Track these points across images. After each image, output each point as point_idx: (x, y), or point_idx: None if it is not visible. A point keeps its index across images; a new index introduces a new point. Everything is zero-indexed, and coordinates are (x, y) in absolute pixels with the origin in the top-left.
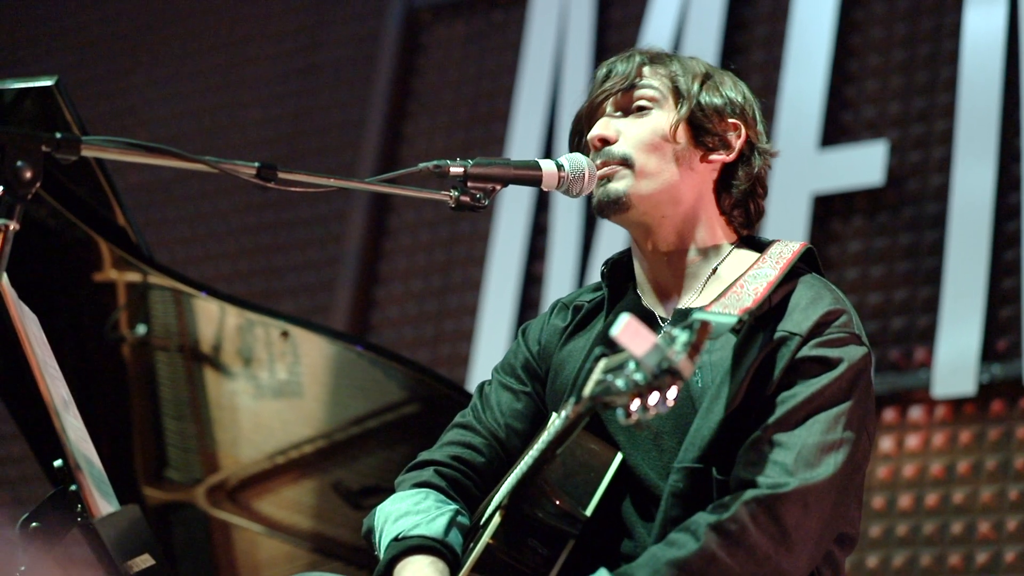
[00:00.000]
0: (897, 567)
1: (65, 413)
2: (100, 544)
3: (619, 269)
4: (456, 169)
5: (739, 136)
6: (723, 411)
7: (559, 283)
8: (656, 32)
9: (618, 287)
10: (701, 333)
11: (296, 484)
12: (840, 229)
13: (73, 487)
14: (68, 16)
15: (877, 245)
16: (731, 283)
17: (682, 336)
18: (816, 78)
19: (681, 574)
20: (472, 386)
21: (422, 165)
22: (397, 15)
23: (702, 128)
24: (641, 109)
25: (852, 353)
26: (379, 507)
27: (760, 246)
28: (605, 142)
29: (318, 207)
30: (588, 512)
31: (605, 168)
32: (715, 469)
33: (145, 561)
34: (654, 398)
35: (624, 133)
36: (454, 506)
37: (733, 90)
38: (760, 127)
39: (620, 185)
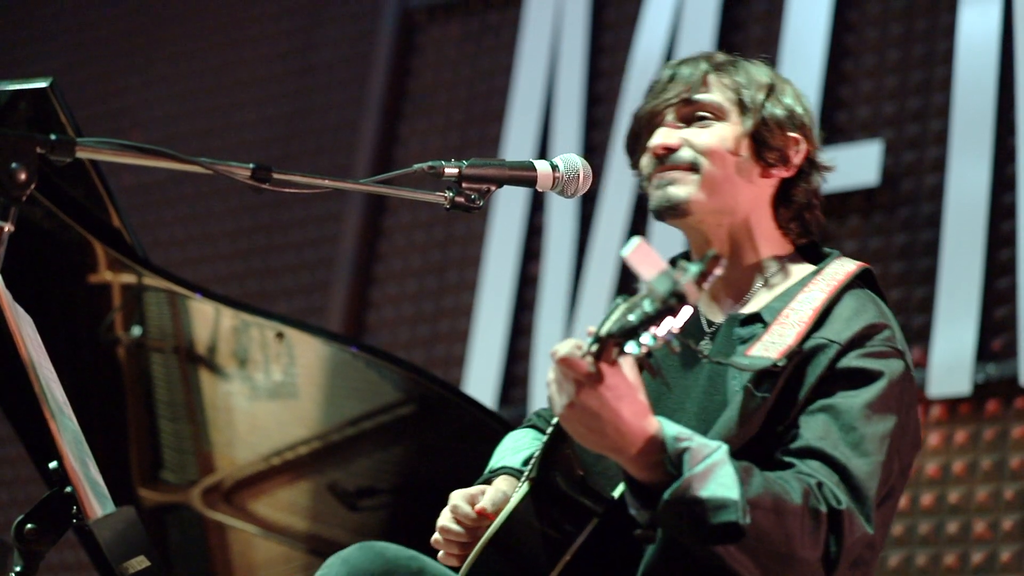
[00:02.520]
0: (893, 567)
1: (60, 415)
2: (95, 546)
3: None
4: (451, 170)
5: (799, 151)
6: (752, 408)
7: (554, 284)
8: (651, 33)
9: None
10: (711, 263)
11: (292, 485)
12: (835, 229)
13: (68, 489)
14: (63, 18)
15: (872, 245)
16: (781, 305)
17: (692, 266)
18: (811, 78)
19: (774, 506)
20: (467, 387)
21: (417, 166)
22: (392, 16)
23: (765, 143)
24: (703, 119)
25: (893, 367)
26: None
27: (817, 256)
28: (668, 150)
29: (313, 208)
30: (616, 494)
31: (671, 172)
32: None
33: (141, 563)
34: (664, 326)
35: (689, 141)
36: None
37: (795, 102)
38: (818, 140)
39: (682, 191)
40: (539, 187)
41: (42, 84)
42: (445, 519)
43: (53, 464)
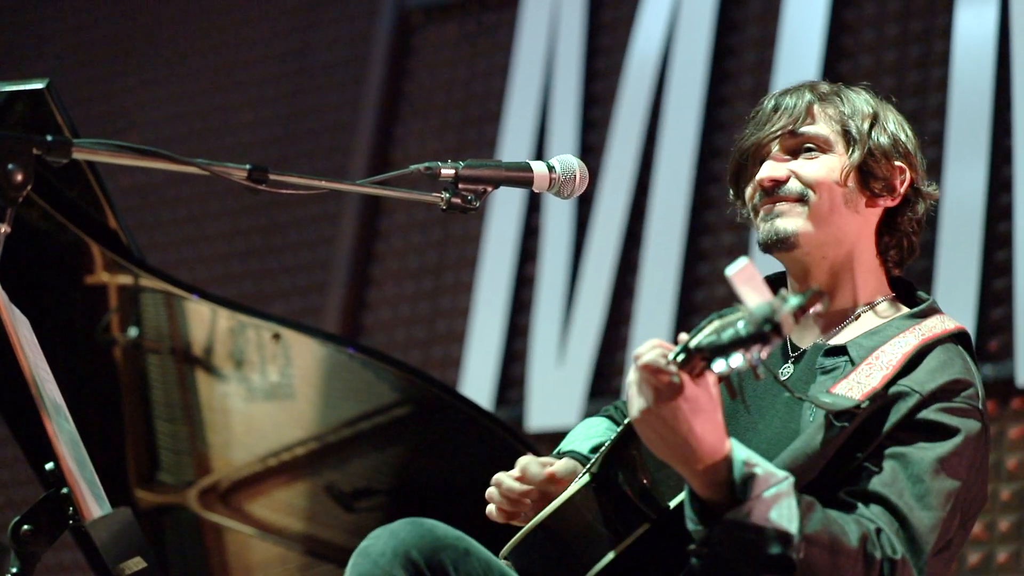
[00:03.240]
0: None
1: (57, 416)
2: (92, 547)
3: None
4: (447, 171)
5: (904, 181)
6: (824, 441)
7: (551, 285)
8: (647, 34)
9: None
10: (813, 299)
11: (288, 486)
12: None
13: (65, 490)
14: (60, 19)
15: None
16: (869, 343)
17: (793, 299)
18: (807, 79)
19: (831, 545)
20: (464, 388)
21: (413, 167)
22: (388, 17)
23: (871, 173)
24: (809, 150)
25: (971, 427)
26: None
27: (912, 299)
28: (777, 183)
29: (309, 209)
30: (672, 504)
31: (779, 204)
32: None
33: (137, 564)
34: (754, 351)
35: (797, 173)
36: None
37: (899, 129)
38: (921, 167)
39: (791, 225)
40: (535, 188)
41: (39, 85)
42: (503, 475)
43: (50, 465)
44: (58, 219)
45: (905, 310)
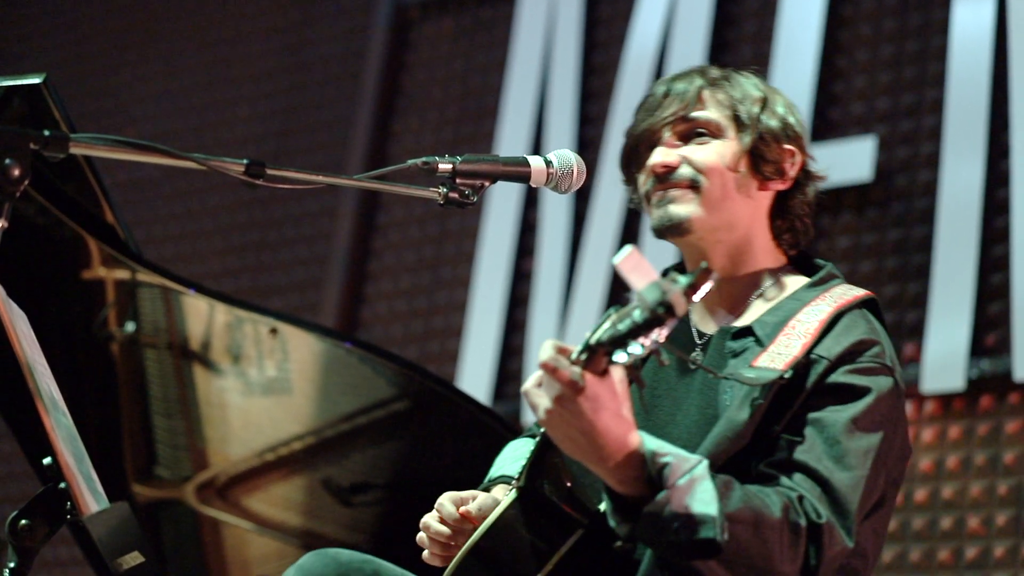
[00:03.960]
0: (887, 562)
1: (54, 411)
2: (89, 542)
3: None
4: (444, 166)
5: (794, 164)
6: (745, 420)
7: (548, 280)
8: (644, 29)
9: None
10: (701, 276)
11: (285, 481)
12: (828, 225)
13: (62, 485)
14: (56, 14)
15: (865, 241)
16: (774, 318)
17: (682, 278)
18: (804, 74)
19: (754, 520)
20: (462, 383)
21: (411, 162)
22: (385, 12)
23: (762, 157)
24: (700, 135)
25: (881, 383)
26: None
27: (812, 268)
28: (668, 168)
29: (306, 204)
30: (602, 507)
31: (671, 189)
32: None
33: (135, 559)
34: (653, 336)
35: (688, 158)
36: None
37: (788, 113)
38: (808, 147)
39: (683, 210)
40: (533, 183)
41: (36, 80)
42: (429, 518)
43: (47, 460)
44: (55, 214)
45: (805, 281)
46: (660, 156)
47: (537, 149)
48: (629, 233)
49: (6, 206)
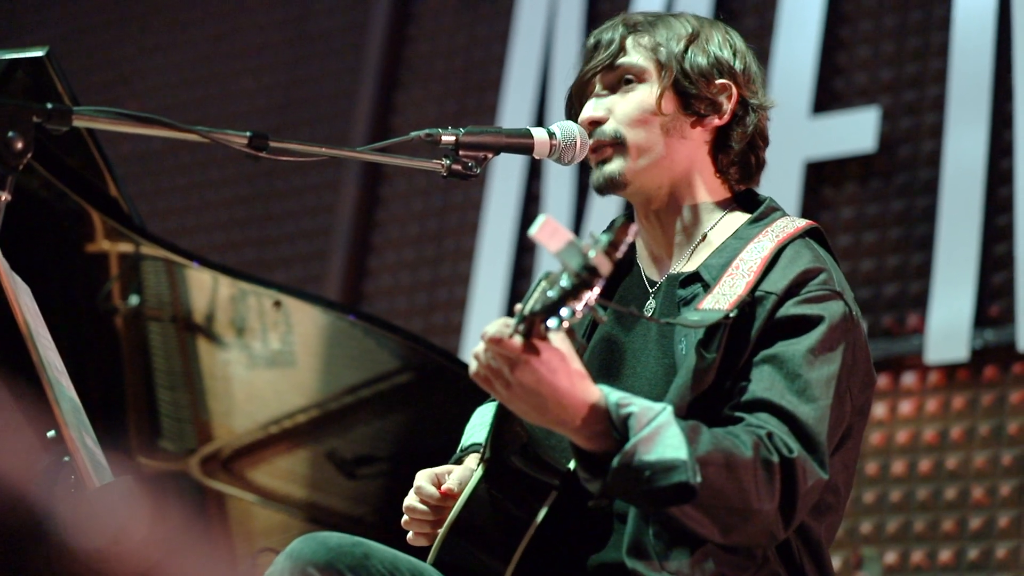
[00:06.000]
0: (891, 533)
1: (58, 384)
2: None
3: None
4: (448, 138)
5: (730, 97)
6: (702, 367)
7: None
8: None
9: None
10: (620, 232)
11: (290, 454)
12: (832, 196)
13: (67, 458)
14: None
15: (869, 211)
16: (720, 260)
17: (602, 238)
18: (808, 44)
19: (725, 461)
20: (465, 355)
21: (414, 134)
22: None
23: (689, 95)
24: (628, 82)
25: (833, 309)
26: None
27: (754, 205)
28: (595, 123)
29: (310, 177)
30: (572, 466)
31: (599, 151)
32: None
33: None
34: (584, 298)
35: (613, 111)
36: None
37: (722, 47)
38: (756, 81)
39: (614, 166)
40: (536, 155)
41: (39, 53)
42: (411, 499)
43: (51, 433)
44: (59, 187)
45: (747, 217)
46: (587, 112)
47: (540, 121)
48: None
49: (9, 179)
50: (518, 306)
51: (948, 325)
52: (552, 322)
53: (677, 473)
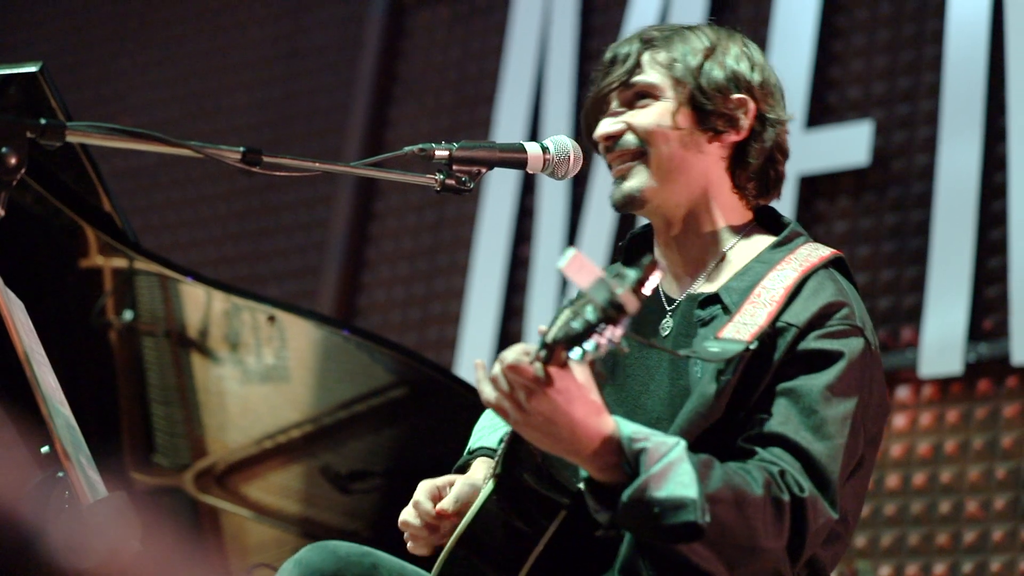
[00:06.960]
0: (885, 546)
1: (52, 399)
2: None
3: (640, 244)
4: (441, 152)
5: (747, 112)
6: (716, 393)
7: (546, 266)
8: (641, 13)
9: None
10: (648, 270)
11: (284, 469)
12: (826, 210)
13: (61, 474)
14: (52, 2)
15: (863, 225)
16: (740, 284)
17: (631, 273)
18: (801, 58)
19: (735, 499)
20: (460, 369)
21: (407, 149)
22: None
23: (705, 111)
24: (644, 98)
25: (853, 346)
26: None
27: (776, 226)
28: (612, 138)
29: (303, 192)
30: (582, 486)
31: (620, 166)
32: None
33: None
34: (608, 333)
35: (631, 124)
36: None
37: (739, 61)
38: (774, 95)
39: (634, 183)
40: (530, 169)
41: (32, 68)
42: (406, 514)
43: (45, 449)
44: (52, 202)
45: (770, 240)
46: (602, 128)
47: (534, 135)
48: (626, 219)
49: (3, 195)
50: (541, 327)
51: (942, 339)
52: (575, 353)
53: (686, 512)
